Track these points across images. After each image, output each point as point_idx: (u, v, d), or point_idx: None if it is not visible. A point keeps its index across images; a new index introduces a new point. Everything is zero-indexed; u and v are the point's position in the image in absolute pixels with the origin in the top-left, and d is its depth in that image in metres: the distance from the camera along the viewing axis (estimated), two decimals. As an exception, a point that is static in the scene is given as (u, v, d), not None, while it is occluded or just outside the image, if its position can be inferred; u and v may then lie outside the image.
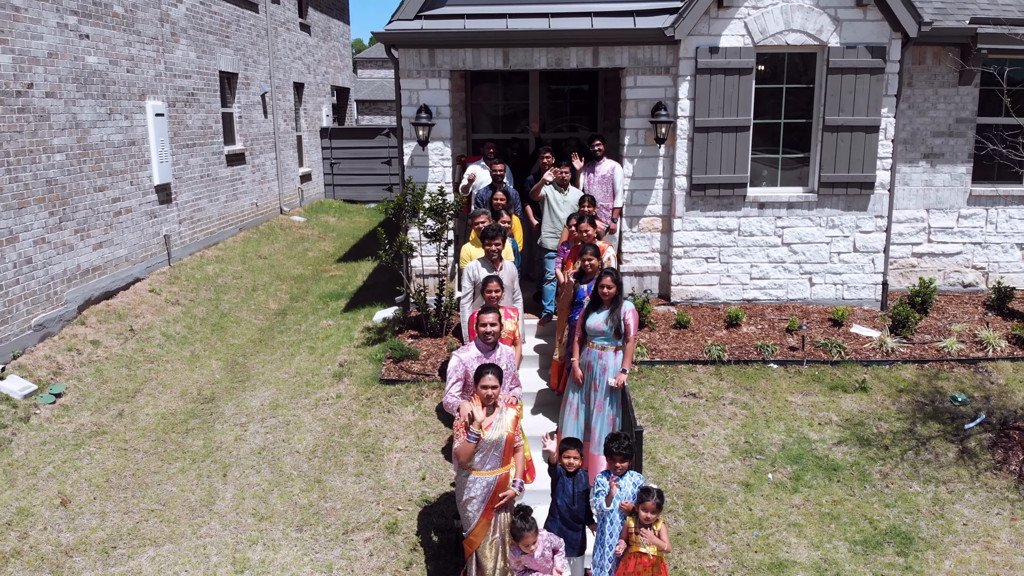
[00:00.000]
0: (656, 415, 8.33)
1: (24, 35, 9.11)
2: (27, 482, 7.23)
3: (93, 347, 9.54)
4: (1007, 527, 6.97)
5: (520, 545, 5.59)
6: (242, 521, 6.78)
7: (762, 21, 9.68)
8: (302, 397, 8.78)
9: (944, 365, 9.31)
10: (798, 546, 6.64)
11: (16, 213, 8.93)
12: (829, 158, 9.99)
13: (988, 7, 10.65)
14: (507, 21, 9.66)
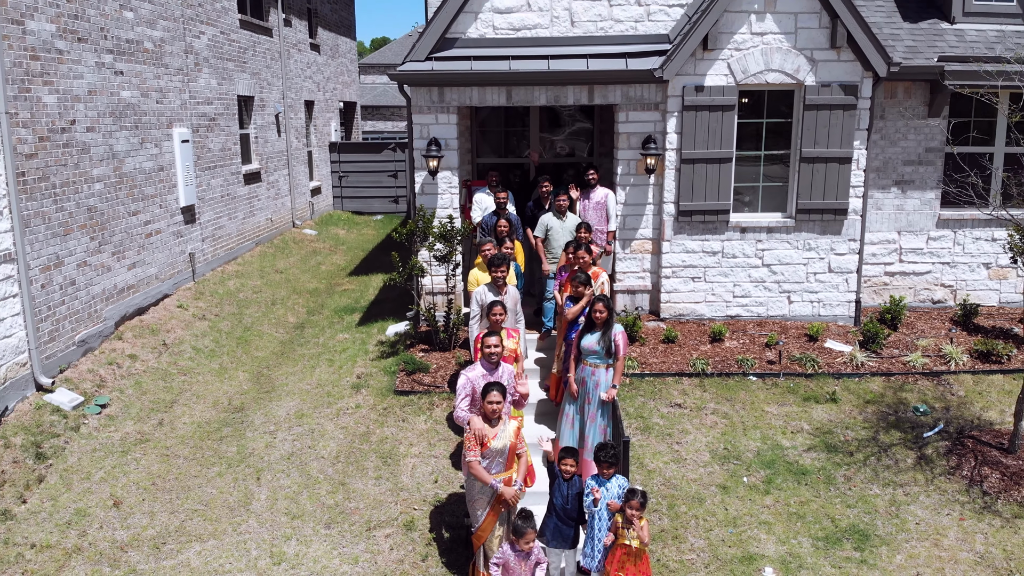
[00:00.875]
0: (645, 424, 9.21)
1: (67, 76, 9.99)
2: (82, 486, 8.11)
3: (131, 361, 10.43)
4: (955, 526, 7.84)
5: (520, 542, 6.42)
6: (276, 519, 7.66)
7: (744, 62, 10.56)
8: (324, 407, 9.66)
9: (909, 378, 10.20)
10: (767, 541, 7.52)
11: (62, 239, 9.81)
12: (806, 186, 10.87)
13: (956, 44, 11.52)
14: (510, 63, 10.54)
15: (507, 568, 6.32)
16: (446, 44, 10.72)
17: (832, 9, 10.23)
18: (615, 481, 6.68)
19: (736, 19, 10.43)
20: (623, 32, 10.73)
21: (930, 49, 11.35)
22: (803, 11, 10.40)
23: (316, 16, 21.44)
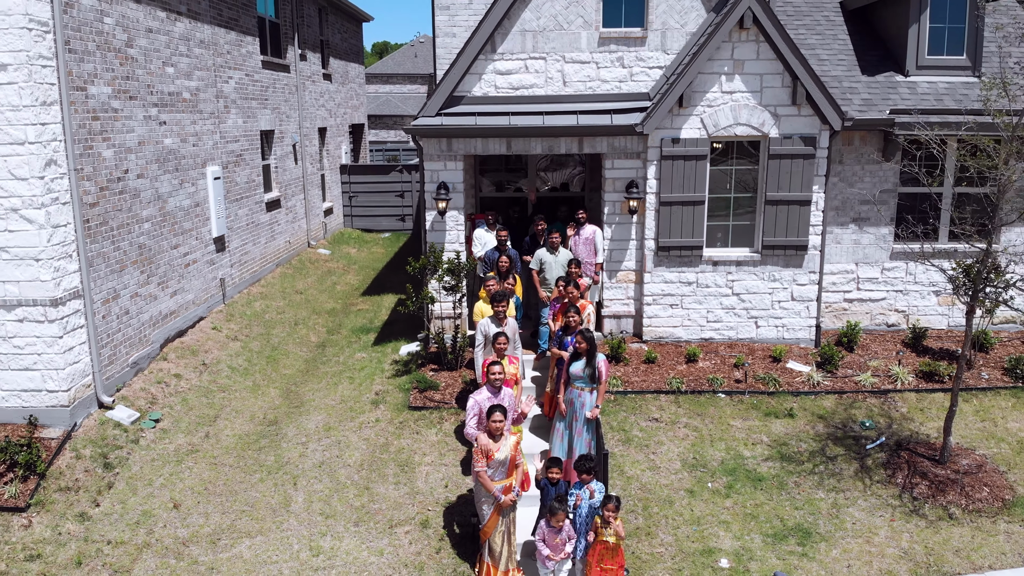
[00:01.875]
0: (626, 436, 10.64)
1: (121, 131, 11.41)
2: (145, 491, 9.54)
3: (176, 380, 11.86)
4: (886, 526, 9.27)
5: (553, 520, 7.82)
6: (312, 518, 9.09)
7: (715, 117, 11.99)
8: (348, 420, 11.10)
9: (859, 396, 11.63)
10: (724, 537, 8.95)
11: (118, 275, 11.24)
12: (770, 225, 12.29)
13: (908, 97, 12.95)
14: (510, 118, 11.97)
15: (544, 540, 7.82)
16: (454, 101, 12.16)
17: (792, 72, 11.66)
18: (594, 486, 8.11)
19: (708, 79, 11.86)
20: (609, 91, 12.17)
21: (884, 102, 12.78)
22: (768, 72, 11.82)
23: (328, 47, 22.86)
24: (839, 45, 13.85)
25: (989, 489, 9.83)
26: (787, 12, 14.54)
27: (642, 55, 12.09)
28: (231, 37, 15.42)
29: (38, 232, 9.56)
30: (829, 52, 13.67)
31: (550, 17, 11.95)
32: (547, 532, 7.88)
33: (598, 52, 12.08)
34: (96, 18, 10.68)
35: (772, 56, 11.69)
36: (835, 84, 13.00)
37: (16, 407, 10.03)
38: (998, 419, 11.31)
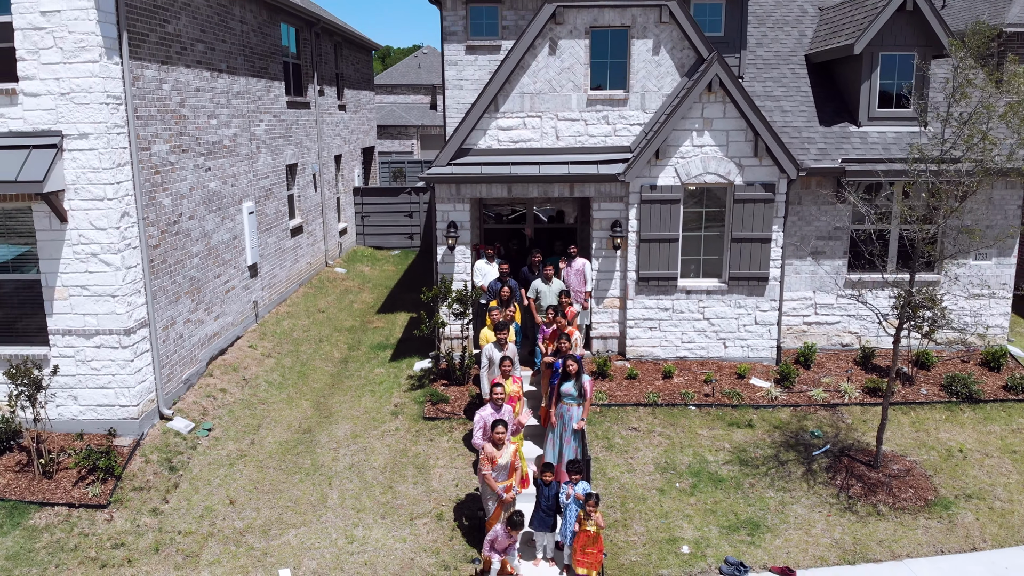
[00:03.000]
0: (608, 443, 12.50)
1: (176, 181, 13.28)
2: (205, 489, 11.41)
3: (222, 393, 13.74)
4: (823, 520, 11.11)
5: (510, 531, 9.61)
6: (346, 512, 10.96)
7: (687, 167, 13.84)
8: (372, 429, 12.97)
9: (811, 409, 13.48)
10: (687, 528, 10.80)
11: (174, 305, 13.10)
12: (736, 259, 14.14)
13: (859, 146, 14.78)
14: (510, 168, 13.83)
15: (495, 542, 9.61)
16: (462, 153, 14.02)
17: (754, 129, 13.50)
18: (581, 484, 9.96)
19: (681, 135, 13.71)
20: (596, 144, 14.03)
21: (838, 151, 14.62)
22: (733, 129, 13.67)
23: (343, 79, 24.71)
24: (801, 97, 15.69)
25: (914, 490, 11.68)
26: (757, 65, 16.39)
27: (624, 114, 13.94)
28: (261, 84, 17.27)
29: (114, 273, 11.43)
30: (792, 104, 15.51)
31: (545, 82, 13.81)
32: (501, 534, 9.53)
33: (586, 111, 13.95)
34: (156, 86, 12.54)
35: (737, 115, 13.54)
36: (795, 134, 14.84)
37: (93, 419, 11.90)
38: (931, 430, 13.17)
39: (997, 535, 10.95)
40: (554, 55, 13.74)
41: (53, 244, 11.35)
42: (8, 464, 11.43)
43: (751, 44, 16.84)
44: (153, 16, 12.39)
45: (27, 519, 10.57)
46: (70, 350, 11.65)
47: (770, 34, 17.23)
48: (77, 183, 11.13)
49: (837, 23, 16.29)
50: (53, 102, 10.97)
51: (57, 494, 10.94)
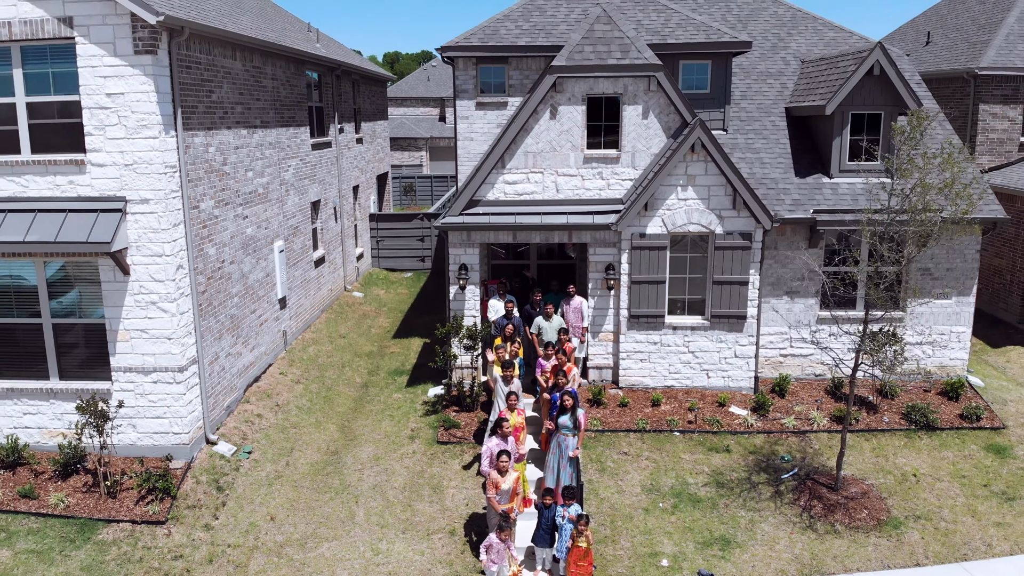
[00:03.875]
0: (601, 466, 14.14)
1: (220, 231, 14.97)
2: (249, 507, 13.11)
3: (259, 419, 15.44)
4: (786, 537, 12.74)
5: (501, 535, 11.20)
6: (371, 528, 12.64)
7: (673, 217, 15.47)
8: (392, 452, 14.65)
9: (783, 435, 15.10)
10: (667, 544, 12.44)
11: (218, 341, 14.81)
12: (717, 299, 15.76)
13: (830, 198, 16.36)
14: (515, 217, 15.48)
15: (490, 548, 11.24)
16: (472, 204, 15.68)
17: (733, 185, 15.11)
18: (573, 507, 11.61)
19: (668, 189, 15.33)
20: (591, 197, 15.67)
21: (810, 201, 16.21)
22: (714, 184, 15.29)
23: (360, 114, 26.39)
24: (780, 149, 17.29)
25: (868, 511, 13.28)
26: (741, 118, 17.99)
27: (617, 170, 15.58)
28: (289, 132, 18.97)
29: (170, 319, 13.13)
30: (771, 155, 17.11)
31: (546, 142, 15.46)
32: (495, 540, 11.08)
33: (583, 168, 15.59)
34: (204, 150, 14.24)
35: (717, 172, 15.15)
36: (773, 185, 16.44)
37: (149, 445, 13.62)
38: (890, 455, 14.77)
39: (939, 553, 12.55)
40: (554, 119, 15.39)
41: (117, 293, 13.07)
42: (76, 485, 13.16)
43: (736, 96, 18.43)
44: (200, 88, 14.09)
45: (96, 534, 12.29)
46: (130, 385, 13.37)
47: (754, 86, 18.82)
48: (139, 241, 12.84)
49: (814, 79, 17.87)
50: (118, 172, 12.68)
51: (121, 512, 12.66)
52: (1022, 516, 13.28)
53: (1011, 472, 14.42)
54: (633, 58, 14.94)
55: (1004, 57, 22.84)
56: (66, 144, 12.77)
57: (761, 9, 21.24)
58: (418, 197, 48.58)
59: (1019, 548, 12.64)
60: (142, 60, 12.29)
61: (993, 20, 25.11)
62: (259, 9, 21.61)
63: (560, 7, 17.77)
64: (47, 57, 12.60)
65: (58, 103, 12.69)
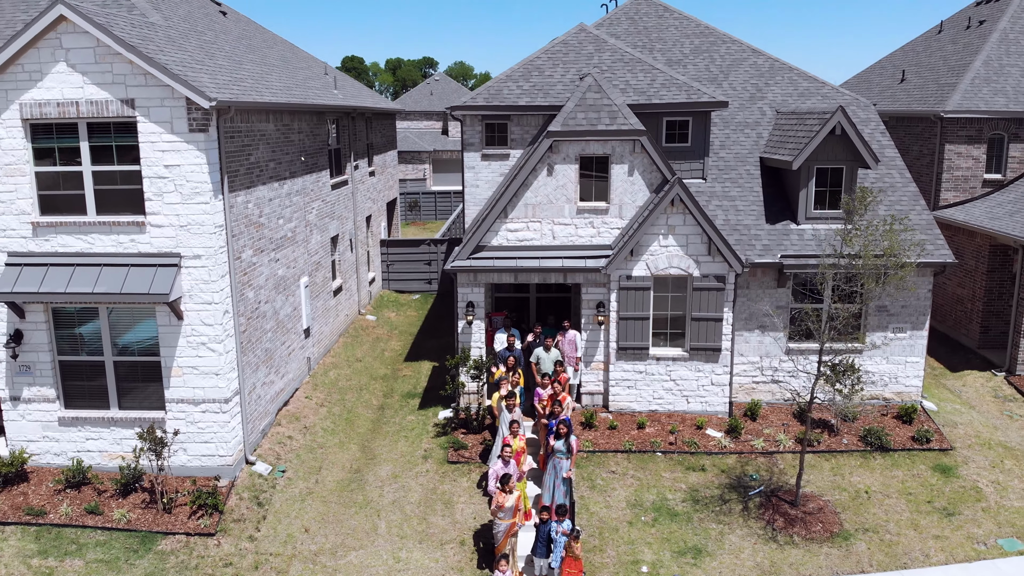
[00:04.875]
0: (592, 484, 16.14)
1: (256, 276, 16.96)
2: (286, 520, 15.12)
3: (289, 440, 17.45)
4: (750, 547, 14.72)
5: (499, 567, 13.27)
6: (392, 539, 14.65)
7: (655, 262, 17.47)
8: (408, 470, 16.66)
9: (753, 456, 17.09)
10: (647, 553, 14.43)
11: (255, 373, 16.82)
12: (695, 333, 17.76)
13: (796, 243, 18.35)
14: (516, 261, 17.49)
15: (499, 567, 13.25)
16: (478, 249, 17.68)
17: (708, 235, 17.10)
18: (566, 523, 13.61)
19: (651, 238, 17.33)
20: (584, 243, 17.67)
21: (778, 246, 18.20)
22: (691, 233, 17.28)
23: (372, 148, 28.38)
24: (753, 196, 19.28)
25: (823, 524, 15.28)
26: (719, 167, 19.98)
27: (606, 220, 17.58)
28: (312, 177, 20.98)
29: (218, 357, 15.15)
30: (745, 203, 19.11)
31: (544, 196, 17.47)
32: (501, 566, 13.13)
33: (576, 218, 17.59)
34: (244, 207, 16.24)
35: (694, 223, 17.15)
36: (745, 231, 18.44)
37: (198, 466, 15.63)
38: (846, 474, 16.76)
39: (882, 562, 14.54)
40: (551, 176, 17.40)
41: (171, 335, 15.08)
42: (135, 502, 15.17)
43: (715, 146, 20.42)
44: (241, 153, 16.10)
45: (156, 545, 14.30)
46: (182, 414, 15.39)
47: (732, 136, 20.81)
48: (191, 291, 14.86)
49: (785, 132, 19.85)
50: (173, 232, 14.69)
51: (176, 525, 14.67)
52: (959, 530, 15.27)
53: (953, 490, 16.41)
54: (620, 124, 16.95)
55: (969, 101, 24.78)
56: (128, 207, 14.78)
57: (742, 59, 23.22)
58: (422, 212, 50.59)
59: (953, 559, 14.63)
60: (195, 137, 14.29)
61: (962, 63, 27.05)
62: (282, 59, 23.64)
63: (556, 68, 19.77)
64: (111, 132, 14.61)
65: (120, 172, 14.70)
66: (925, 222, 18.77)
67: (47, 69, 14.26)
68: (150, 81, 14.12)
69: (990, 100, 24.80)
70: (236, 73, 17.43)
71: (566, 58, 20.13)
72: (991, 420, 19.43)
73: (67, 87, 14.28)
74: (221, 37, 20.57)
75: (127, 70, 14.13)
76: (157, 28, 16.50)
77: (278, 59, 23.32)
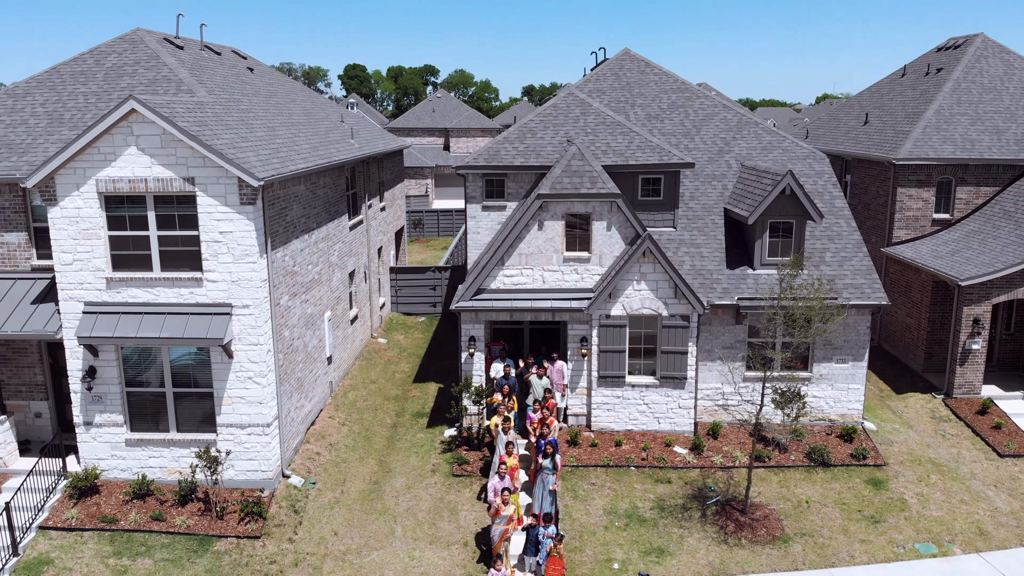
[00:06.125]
0: (575, 494, 19.11)
1: (291, 317, 19.87)
2: (318, 526, 18.08)
3: (317, 456, 20.42)
4: (704, 548, 17.67)
5: (497, 565, 16.25)
6: (407, 541, 17.62)
7: (630, 303, 20.43)
8: (419, 482, 19.63)
9: (712, 470, 20.05)
10: (619, 552, 17.40)
11: (289, 399, 19.78)
12: (664, 364, 20.72)
13: (752, 286, 21.31)
14: (512, 302, 20.46)
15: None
16: (480, 291, 20.65)
17: (674, 280, 20.06)
18: (551, 528, 16.58)
19: (626, 283, 20.29)
20: (569, 287, 20.64)
21: (736, 289, 21.16)
22: (660, 279, 20.24)
23: (383, 186, 31.34)
24: (716, 244, 22.24)
25: (766, 529, 18.25)
26: (688, 216, 22.93)
27: (588, 267, 20.54)
28: (334, 223, 23.92)
29: (261, 389, 18.12)
30: (709, 250, 22.07)
31: (535, 247, 20.44)
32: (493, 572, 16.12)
33: (563, 265, 20.56)
34: (281, 260, 19.20)
35: (662, 271, 20.12)
36: (708, 276, 21.40)
37: (243, 480, 18.60)
38: (791, 487, 19.73)
39: (814, 561, 17.50)
40: (541, 230, 20.36)
41: (223, 371, 18.04)
42: (192, 510, 18.14)
43: (685, 197, 23.38)
44: (280, 214, 19.06)
45: (212, 546, 17.27)
46: (231, 437, 18.36)
47: (701, 188, 23.76)
48: (240, 335, 17.82)
49: (747, 185, 22.79)
50: (226, 286, 17.65)
51: (228, 530, 17.63)
52: (883, 535, 18.23)
53: (882, 500, 19.38)
54: (599, 188, 19.92)
55: (919, 149, 27.67)
56: (187, 265, 17.73)
57: (713, 114, 26.17)
58: (425, 230, 53.54)
59: (875, 560, 17.59)
60: (245, 209, 17.25)
61: (917, 111, 29.94)
62: (305, 112, 26.60)
63: (547, 130, 22.73)
64: (174, 203, 17.56)
65: (181, 236, 17.65)
66: (865, 268, 21.72)
67: (120, 151, 17.21)
68: (207, 163, 17.07)
69: (939, 148, 27.68)
70: (272, 143, 20.38)
71: (556, 121, 23.09)
72: (925, 439, 22.40)
73: (137, 167, 17.23)
74: (254, 101, 23.52)
75: (188, 153, 17.08)
76: (206, 108, 19.46)
77: (301, 113, 26.27)
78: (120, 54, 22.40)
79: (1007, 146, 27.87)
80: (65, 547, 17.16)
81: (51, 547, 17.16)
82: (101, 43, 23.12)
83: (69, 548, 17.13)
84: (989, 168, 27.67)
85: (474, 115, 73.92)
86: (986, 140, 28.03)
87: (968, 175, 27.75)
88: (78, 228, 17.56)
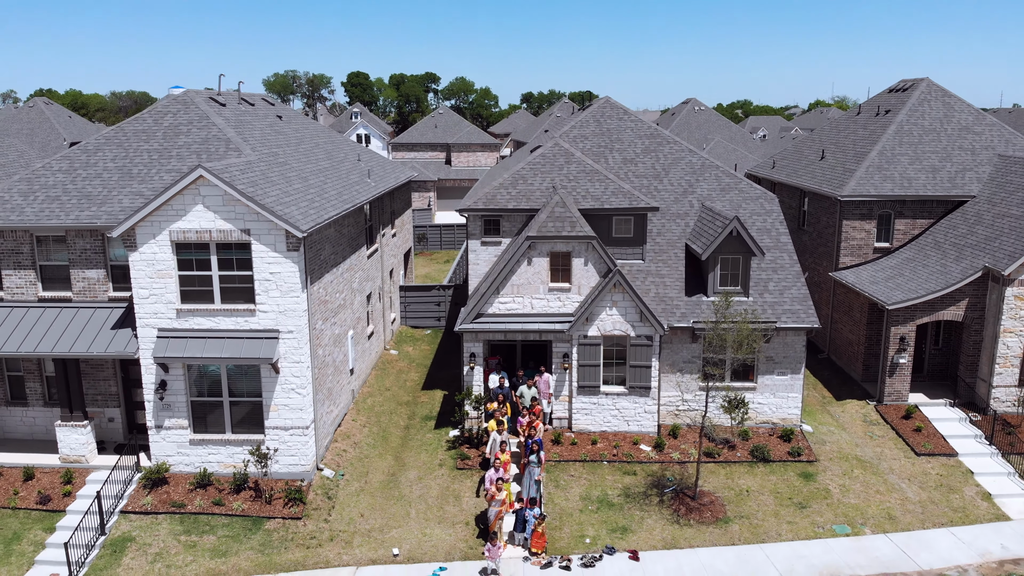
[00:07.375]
0: (557, 484, 23.31)
1: (323, 338, 24.05)
2: (347, 509, 22.28)
3: (344, 452, 24.62)
4: (660, 527, 21.83)
5: (491, 541, 20.43)
6: (420, 522, 21.81)
7: (604, 326, 24.61)
8: (429, 474, 23.84)
9: (671, 464, 24.26)
10: (590, 530, 21.58)
11: (322, 406, 23.96)
12: (632, 376, 24.93)
13: (706, 311, 25.49)
14: (506, 324, 24.66)
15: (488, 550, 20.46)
16: (479, 315, 24.85)
17: (639, 307, 24.24)
18: (535, 510, 20.77)
19: (600, 309, 24.47)
20: (554, 312, 24.83)
21: (692, 313, 25.34)
22: (629, 306, 24.42)
23: (394, 213, 35.50)
24: (678, 274, 26.43)
25: (711, 512, 22.43)
26: (655, 250, 27.12)
27: (569, 296, 24.73)
28: (355, 254, 28.09)
29: (302, 399, 22.31)
30: (672, 279, 26.26)
31: (525, 279, 24.63)
32: (489, 546, 20.45)
33: (548, 294, 24.75)
34: (317, 292, 23.37)
35: (631, 299, 24.31)
36: (669, 302, 25.58)
37: (286, 473, 22.78)
38: (735, 479, 23.92)
39: (748, 538, 21.68)
40: (530, 265, 24.56)
41: (271, 383, 22.24)
42: (245, 497, 22.31)
43: (653, 233, 27.56)
44: (316, 255, 23.24)
45: (263, 526, 21.46)
46: (276, 437, 22.56)
47: (667, 225, 27.94)
48: (286, 355, 22.01)
49: (704, 224, 26.96)
50: (274, 316, 21.83)
51: (275, 512, 21.81)
52: (807, 518, 22.40)
53: (810, 490, 23.56)
54: (578, 231, 24.11)
55: (862, 186, 31.74)
56: (243, 299, 21.90)
57: (680, 158, 30.35)
58: (429, 243, 57.68)
59: (798, 537, 21.75)
60: (291, 254, 21.44)
61: (863, 150, 34.01)
62: (328, 155, 30.79)
63: (536, 178, 26.91)
64: (232, 249, 21.72)
65: (238, 275, 21.81)
66: (802, 295, 25.91)
67: (189, 208, 21.38)
68: (260, 218, 21.25)
69: (879, 185, 31.79)
70: (307, 193, 24.55)
71: (543, 168, 27.27)
72: (855, 439, 26.59)
73: (203, 220, 21.40)
74: (288, 151, 27.70)
75: (245, 210, 21.25)
76: (254, 167, 23.64)
77: (324, 156, 30.44)
78: (175, 114, 26.54)
79: (941, 183, 31.94)
80: (143, 527, 21.37)
81: (131, 527, 21.37)
82: (158, 102, 27.28)
83: (147, 528, 21.35)
84: (924, 203, 31.76)
85: (474, 131, 77.99)
86: (922, 178, 32.11)
87: (906, 209, 31.84)
88: (154, 269, 21.75)
